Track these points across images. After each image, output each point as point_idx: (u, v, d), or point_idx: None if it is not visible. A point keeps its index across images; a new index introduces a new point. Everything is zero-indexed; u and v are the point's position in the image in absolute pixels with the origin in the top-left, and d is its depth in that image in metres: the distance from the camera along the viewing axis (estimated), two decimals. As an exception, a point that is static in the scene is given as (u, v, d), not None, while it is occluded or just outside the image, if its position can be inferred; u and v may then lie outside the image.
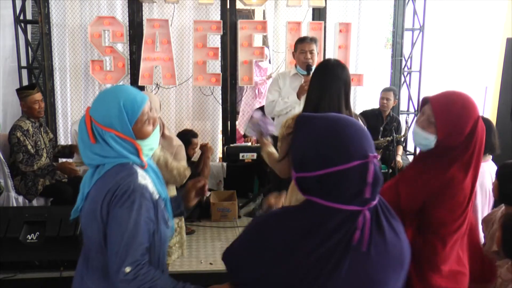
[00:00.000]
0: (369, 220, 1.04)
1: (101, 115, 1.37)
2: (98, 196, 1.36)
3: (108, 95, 1.41)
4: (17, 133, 3.48)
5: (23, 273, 2.99)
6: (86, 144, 1.40)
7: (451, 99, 1.53)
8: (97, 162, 1.40)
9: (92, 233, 1.38)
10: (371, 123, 4.53)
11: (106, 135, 1.37)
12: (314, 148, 1.05)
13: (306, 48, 3.32)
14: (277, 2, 5.08)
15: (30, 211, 3.13)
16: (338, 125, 1.06)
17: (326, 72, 2.14)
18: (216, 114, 5.15)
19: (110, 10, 4.82)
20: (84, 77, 4.94)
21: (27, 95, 3.57)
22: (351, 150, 1.03)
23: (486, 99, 5.94)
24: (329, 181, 1.04)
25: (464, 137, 1.50)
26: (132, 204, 1.31)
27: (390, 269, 1.08)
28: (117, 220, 1.31)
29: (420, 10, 5.14)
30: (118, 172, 1.37)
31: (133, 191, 1.33)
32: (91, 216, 1.37)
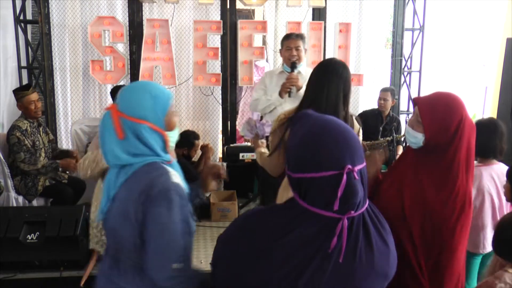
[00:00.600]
0: (347, 228, 1.02)
1: (134, 108, 1.37)
2: (130, 197, 1.34)
3: (137, 88, 1.42)
4: (16, 133, 3.47)
5: (23, 273, 2.99)
6: (112, 141, 1.37)
7: (436, 99, 1.61)
8: (124, 162, 1.37)
9: (124, 234, 1.36)
10: (371, 123, 4.54)
11: (139, 128, 1.36)
12: (295, 150, 1.07)
13: (292, 45, 3.26)
14: (277, 2, 5.08)
15: (30, 211, 3.13)
16: (320, 130, 1.05)
17: (327, 69, 2.13)
18: (216, 114, 5.15)
19: (110, 10, 4.83)
20: (83, 77, 4.94)
21: (23, 95, 3.56)
22: (323, 159, 1.01)
23: (486, 99, 5.95)
24: (304, 185, 1.04)
25: (451, 134, 1.56)
26: (169, 203, 1.31)
27: (373, 277, 1.06)
28: (155, 219, 1.30)
29: (420, 10, 5.13)
30: (149, 172, 1.36)
31: (168, 190, 1.33)
32: (123, 217, 1.35)
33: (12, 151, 3.51)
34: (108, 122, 1.38)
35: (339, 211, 1.01)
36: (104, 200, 1.42)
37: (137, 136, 1.37)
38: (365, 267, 1.04)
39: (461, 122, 1.56)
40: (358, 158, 1.03)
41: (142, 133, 1.36)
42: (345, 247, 1.01)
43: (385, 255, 1.08)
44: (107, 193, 1.41)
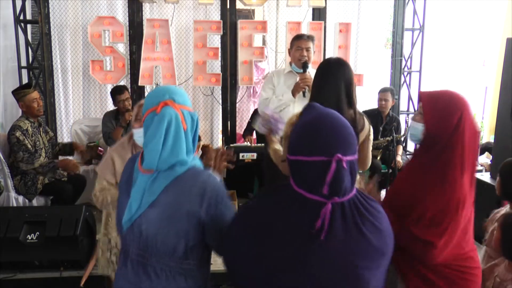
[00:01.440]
0: (330, 212, 1.09)
1: (187, 99, 1.47)
2: (180, 202, 1.35)
3: (173, 86, 1.54)
4: (16, 132, 3.48)
5: (23, 273, 2.99)
6: (181, 135, 1.40)
7: (439, 93, 1.64)
8: (181, 159, 1.38)
9: (165, 238, 1.37)
10: (371, 123, 4.54)
11: (194, 117, 1.46)
12: (293, 136, 1.16)
13: (303, 45, 3.24)
14: (277, 2, 5.08)
15: (30, 211, 3.13)
16: (317, 119, 1.14)
17: (323, 71, 2.16)
18: (216, 114, 5.15)
19: (110, 10, 4.83)
20: (83, 77, 4.95)
21: (25, 94, 3.57)
22: (315, 145, 1.10)
23: (486, 99, 5.95)
24: (295, 167, 1.14)
25: (450, 129, 1.56)
26: (228, 200, 1.43)
27: (367, 253, 1.13)
28: (223, 214, 1.39)
29: (420, 10, 5.14)
30: (197, 176, 1.40)
31: (222, 189, 1.42)
32: (168, 222, 1.36)
33: (12, 150, 3.53)
34: (175, 117, 1.39)
35: (325, 195, 1.09)
36: (135, 205, 1.39)
37: (192, 126, 1.44)
38: (355, 245, 1.11)
39: (461, 120, 1.56)
40: (350, 150, 1.11)
41: (197, 120, 1.45)
42: (328, 228, 1.08)
43: (376, 234, 1.14)
44: (141, 198, 1.38)
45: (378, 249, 1.14)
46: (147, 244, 1.40)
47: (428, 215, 1.55)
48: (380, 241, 1.14)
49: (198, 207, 1.35)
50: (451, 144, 1.57)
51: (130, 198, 1.41)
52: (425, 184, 1.58)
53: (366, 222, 1.13)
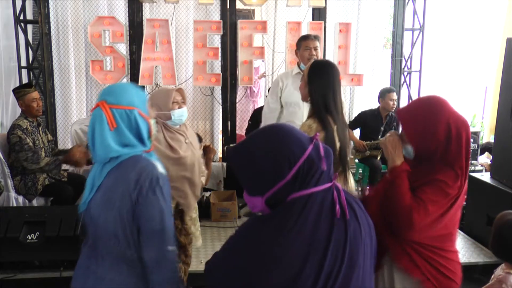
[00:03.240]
0: (342, 190, 1.14)
1: (123, 97, 1.49)
2: (117, 186, 1.43)
3: (120, 84, 1.58)
4: (17, 132, 3.46)
5: (23, 273, 3.00)
6: (105, 134, 1.45)
7: (414, 107, 1.61)
8: (114, 154, 1.46)
9: (106, 222, 1.44)
10: (371, 124, 4.55)
11: (131, 114, 1.47)
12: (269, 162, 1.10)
13: (311, 45, 3.30)
14: (277, 2, 5.08)
15: (30, 211, 3.13)
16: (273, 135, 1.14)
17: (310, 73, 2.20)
18: (216, 114, 5.15)
19: (110, 10, 4.83)
20: (78, 77, 4.95)
21: (25, 93, 3.57)
22: (292, 153, 1.10)
23: (486, 99, 5.95)
24: (303, 171, 1.10)
25: (442, 139, 1.53)
26: (161, 190, 1.43)
27: (369, 235, 1.18)
28: (151, 206, 1.41)
29: (420, 10, 5.14)
30: (136, 162, 1.45)
31: (157, 178, 1.43)
32: (107, 205, 1.43)
33: (13, 150, 3.49)
34: (99, 117, 1.46)
35: (328, 177, 1.13)
36: (87, 191, 1.51)
37: (129, 123, 1.48)
38: (361, 224, 1.15)
39: (449, 125, 1.53)
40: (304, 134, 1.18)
41: (135, 118, 1.48)
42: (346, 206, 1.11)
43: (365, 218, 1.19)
44: (92, 184, 1.50)
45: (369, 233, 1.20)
46: (95, 229, 1.50)
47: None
48: (369, 225, 1.21)
49: (132, 190, 1.40)
50: (446, 150, 1.54)
51: (85, 184, 1.53)
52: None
53: (356, 206, 1.18)
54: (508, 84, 3.57)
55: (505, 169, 3.52)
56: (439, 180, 1.54)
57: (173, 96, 2.36)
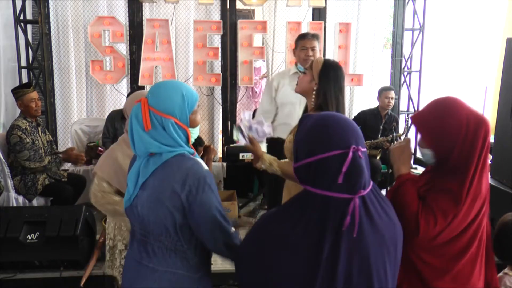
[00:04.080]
0: (359, 207, 1.10)
1: (164, 104, 1.48)
2: (166, 185, 1.44)
3: (170, 86, 1.53)
4: (16, 132, 3.46)
5: (23, 273, 2.99)
6: (141, 131, 1.47)
7: (429, 110, 1.53)
8: (155, 149, 1.47)
9: (156, 219, 1.46)
10: (370, 123, 4.55)
11: (166, 123, 1.47)
12: (303, 140, 1.17)
13: (308, 45, 3.14)
14: (277, 2, 5.08)
15: (30, 211, 3.13)
16: (325, 119, 1.17)
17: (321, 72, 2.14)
18: (216, 114, 5.15)
19: (110, 10, 4.83)
20: (78, 77, 4.94)
21: (24, 93, 3.56)
22: (331, 140, 1.11)
23: (486, 99, 5.95)
24: (313, 169, 1.12)
25: (460, 140, 1.46)
26: (210, 188, 1.45)
27: (385, 252, 1.15)
28: (205, 203, 1.44)
29: (420, 10, 5.14)
30: (182, 162, 1.46)
31: (205, 176, 1.45)
32: (156, 205, 1.45)
33: (14, 150, 3.49)
34: (136, 114, 1.49)
35: (350, 190, 1.10)
36: (131, 187, 1.51)
37: (163, 129, 1.48)
38: (375, 242, 1.12)
39: (469, 122, 1.47)
40: (362, 142, 1.14)
41: (169, 127, 1.47)
42: (358, 224, 1.09)
43: (390, 227, 1.18)
44: (135, 180, 1.50)
45: (393, 241, 1.18)
46: (144, 224, 1.51)
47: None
48: (394, 233, 1.18)
49: (180, 192, 1.42)
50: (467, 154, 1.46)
51: (127, 180, 1.54)
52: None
53: (383, 215, 1.16)
54: (508, 84, 3.57)
55: (505, 169, 3.52)
56: (450, 189, 1.47)
57: None
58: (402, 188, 1.54)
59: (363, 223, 1.10)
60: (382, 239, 1.14)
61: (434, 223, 1.46)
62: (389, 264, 1.16)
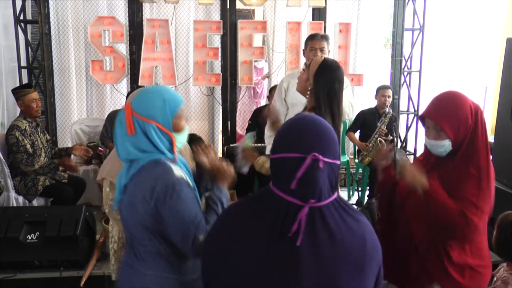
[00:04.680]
0: (306, 216, 1.05)
1: (145, 108, 1.50)
2: (138, 191, 1.47)
3: (151, 91, 1.57)
4: (15, 133, 3.47)
5: (23, 273, 2.99)
6: (124, 137, 1.51)
7: (439, 104, 1.71)
8: (133, 157, 1.50)
9: (135, 223, 1.49)
10: (369, 122, 4.55)
11: (147, 127, 1.49)
12: (276, 136, 1.16)
13: (317, 46, 3.12)
14: (277, 2, 5.08)
15: (30, 211, 3.13)
16: (297, 120, 1.15)
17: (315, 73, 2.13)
18: (216, 114, 5.15)
19: (110, 10, 4.83)
20: (78, 77, 4.94)
21: (25, 94, 3.57)
22: (293, 142, 1.08)
23: (486, 99, 5.94)
24: (274, 166, 1.12)
25: (471, 124, 1.66)
26: (178, 194, 1.45)
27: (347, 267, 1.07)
28: (170, 210, 1.44)
29: (420, 10, 5.13)
30: (154, 168, 1.48)
31: (173, 184, 1.46)
32: (131, 210, 1.48)
33: (11, 151, 3.50)
34: (121, 119, 1.52)
35: (301, 197, 1.06)
36: (117, 191, 1.55)
37: (145, 134, 1.50)
38: (330, 251, 1.06)
39: (473, 109, 1.67)
40: (329, 152, 1.08)
41: (150, 131, 1.49)
42: (304, 233, 1.04)
43: (357, 244, 1.09)
44: (119, 184, 1.54)
45: (357, 261, 1.08)
46: (128, 228, 1.55)
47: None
48: (362, 251, 1.09)
49: (149, 198, 1.44)
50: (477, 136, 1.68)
51: (116, 184, 1.57)
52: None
53: (345, 231, 1.08)
54: (508, 84, 3.57)
55: (505, 169, 3.52)
56: (471, 173, 1.66)
57: None
58: (437, 197, 1.66)
59: (318, 235, 1.05)
60: (343, 254, 1.07)
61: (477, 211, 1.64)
62: (351, 280, 1.08)
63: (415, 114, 5.36)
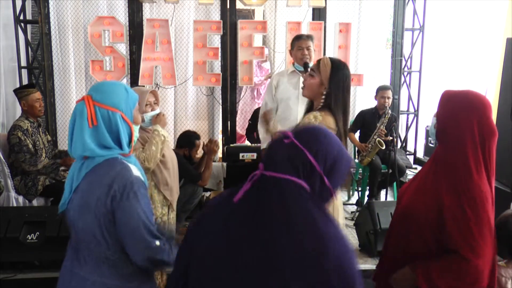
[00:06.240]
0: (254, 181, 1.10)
1: (109, 98, 1.47)
2: (93, 190, 1.41)
3: (112, 83, 1.56)
4: (17, 132, 3.47)
5: (23, 273, 3.00)
6: (83, 130, 1.44)
7: (456, 93, 1.72)
8: (89, 153, 1.44)
9: (84, 225, 1.43)
10: (369, 122, 4.55)
11: (112, 116, 1.45)
12: None
13: (303, 45, 3.36)
14: (277, 2, 5.08)
15: (30, 211, 3.13)
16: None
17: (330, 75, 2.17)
18: (216, 114, 5.15)
19: (110, 10, 4.83)
20: (78, 77, 4.94)
21: (28, 93, 3.58)
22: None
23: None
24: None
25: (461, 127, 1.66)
26: (135, 195, 1.41)
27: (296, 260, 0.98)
28: (127, 211, 1.40)
29: (420, 10, 5.14)
30: (111, 167, 1.43)
31: (132, 183, 1.42)
32: (84, 209, 1.42)
33: (12, 151, 3.50)
34: (81, 111, 1.45)
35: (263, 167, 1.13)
36: (67, 191, 1.49)
37: (109, 124, 1.45)
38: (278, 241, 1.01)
39: (473, 118, 1.67)
40: (309, 141, 1.09)
41: (116, 120, 1.46)
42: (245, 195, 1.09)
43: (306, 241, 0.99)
44: (70, 184, 1.48)
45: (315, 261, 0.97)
46: (75, 230, 1.49)
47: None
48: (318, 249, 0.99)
49: (106, 196, 1.39)
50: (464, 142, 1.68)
51: (65, 184, 1.52)
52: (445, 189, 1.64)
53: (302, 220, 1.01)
54: (508, 84, 3.57)
55: (505, 169, 3.52)
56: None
57: (147, 98, 2.43)
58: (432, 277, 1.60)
59: (250, 199, 1.10)
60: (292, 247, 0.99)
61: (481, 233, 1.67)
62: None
63: (415, 114, 5.36)
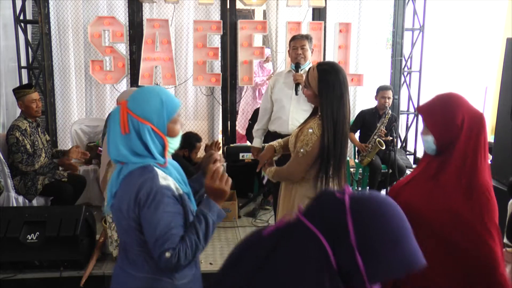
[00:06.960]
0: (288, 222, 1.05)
1: (141, 108, 1.46)
2: (124, 196, 1.47)
3: (149, 91, 1.52)
4: (15, 133, 3.48)
5: (23, 273, 2.99)
6: (117, 135, 1.47)
7: (433, 101, 1.69)
8: (122, 159, 1.48)
9: (121, 228, 1.51)
10: (369, 122, 4.55)
11: (142, 128, 1.46)
12: None
13: (297, 44, 3.37)
14: (277, 2, 5.08)
15: (30, 211, 3.13)
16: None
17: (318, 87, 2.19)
18: (216, 114, 5.15)
19: (110, 10, 4.82)
20: (78, 77, 4.94)
21: (25, 94, 3.58)
22: None
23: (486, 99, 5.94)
24: None
25: (456, 128, 1.60)
26: (157, 204, 1.42)
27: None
28: (146, 219, 1.43)
29: (420, 10, 5.14)
30: (140, 175, 1.46)
31: (155, 192, 1.43)
32: (119, 214, 1.49)
33: (10, 151, 3.51)
34: (116, 116, 1.48)
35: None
36: (108, 196, 1.54)
37: (139, 135, 1.46)
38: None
39: (464, 116, 1.61)
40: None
41: (145, 132, 1.46)
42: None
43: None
44: (110, 189, 1.53)
45: None
46: (119, 232, 1.56)
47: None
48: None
49: (133, 204, 1.44)
50: (462, 139, 1.61)
51: (107, 190, 1.56)
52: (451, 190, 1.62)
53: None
54: (508, 84, 3.57)
55: (505, 169, 3.52)
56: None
57: None
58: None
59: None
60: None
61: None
62: None
63: (415, 114, 5.36)
